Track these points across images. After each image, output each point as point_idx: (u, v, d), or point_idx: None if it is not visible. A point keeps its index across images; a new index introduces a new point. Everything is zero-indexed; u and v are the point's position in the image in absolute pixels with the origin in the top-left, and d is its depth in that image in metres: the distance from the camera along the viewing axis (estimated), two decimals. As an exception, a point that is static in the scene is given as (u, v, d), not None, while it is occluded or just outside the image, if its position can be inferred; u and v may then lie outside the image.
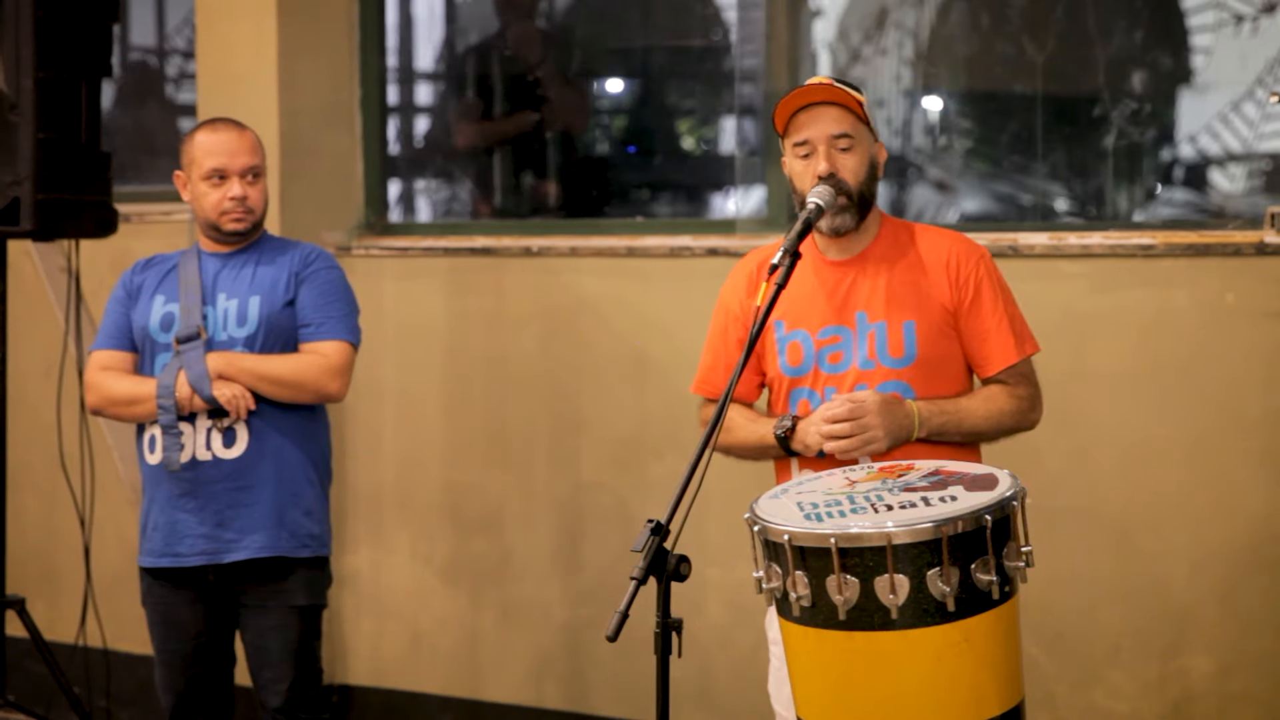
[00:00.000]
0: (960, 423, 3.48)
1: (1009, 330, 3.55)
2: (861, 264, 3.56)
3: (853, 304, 3.54)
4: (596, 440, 5.63)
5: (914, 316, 3.50)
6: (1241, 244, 4.69)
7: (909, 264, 3.55)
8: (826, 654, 2.84)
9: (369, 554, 6.03)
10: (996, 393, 3.54)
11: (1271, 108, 4.94)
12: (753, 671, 5.31)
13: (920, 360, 3.49)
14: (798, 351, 3.55)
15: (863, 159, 3.51)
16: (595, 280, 5.64)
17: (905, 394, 3.46)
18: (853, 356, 3.50)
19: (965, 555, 2.79)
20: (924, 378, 3.49)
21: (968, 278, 3.54)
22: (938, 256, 3.56)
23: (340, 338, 4.47)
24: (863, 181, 3.51)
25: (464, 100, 6.43)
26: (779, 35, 5.56)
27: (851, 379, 3.49)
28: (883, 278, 3.53)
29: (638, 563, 2.92)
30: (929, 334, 3.50)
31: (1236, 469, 4.67)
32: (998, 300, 3.56)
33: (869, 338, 3.50)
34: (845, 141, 3.48)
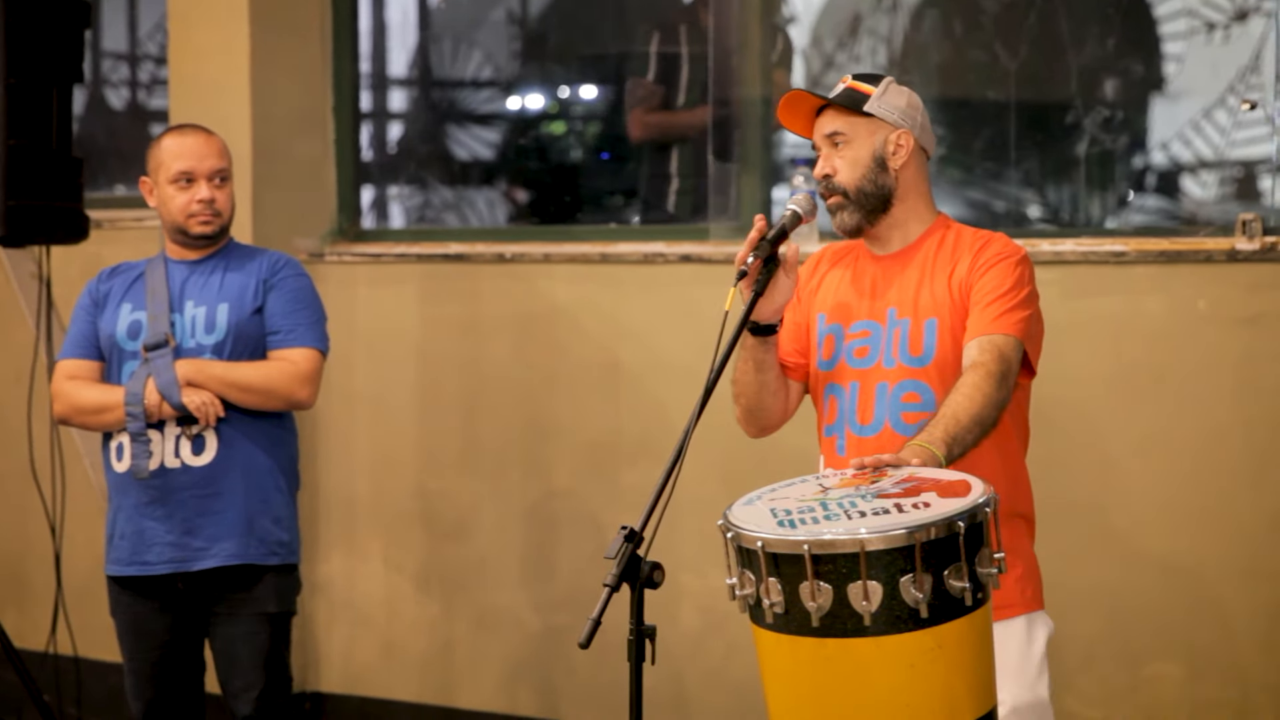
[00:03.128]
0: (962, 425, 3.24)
1: (1001, 307, 3.37)
2: (901, 260, 3.50)
3: (885, 300, 3.48)
4: (569, 447, 5.62)
5: (936, 314, 3.42)
6: (1213, 251, 4.70)
7: (944, 262, 3.47)
8: (800, 661, 2.83)
9: (342, 561, 6.02)
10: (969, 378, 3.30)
11: (1243, 115, 4.96)
12: (726, 678, 5.32)
13: (939, 360, 3.40)
14: (830, 345, 3.51)
15: (859, 155, 3.45)
16: (568, 287, 5.64)
17: (923, 393, 3.40)
18: (879, 353, 3.45)
19: (938, 562, 2.78)
20: (943, 378, 3.39)
21: (986, 261, 3.43)
22: (968, 251, 3.46)
23: (309, 345, 4.46)
24: (860, 176, 3.45)
25: (641, 85, 6.14)
26: (752, 41, 5.56)
27: (875, 376, 3.44)
28: (916, 274, 3.47)
29: (611, 569, 2.92)
30: (951, 334, 3.41)
31: (1209, 475, 4.68)
32: (1007, 283, 3.39)
33: (894, 335, 3.44)
34: (839, 138, 3.46)
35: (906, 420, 3.39)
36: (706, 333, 3.10)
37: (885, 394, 3.42)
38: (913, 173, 3.49)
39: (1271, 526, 4.65)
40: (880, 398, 3.43)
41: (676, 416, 3.88)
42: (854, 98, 3.47)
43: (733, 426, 4.71)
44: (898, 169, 3.46)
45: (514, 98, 6.72)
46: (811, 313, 3.56)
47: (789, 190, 5.35)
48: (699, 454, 3.40)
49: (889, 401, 3.42)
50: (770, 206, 5.51)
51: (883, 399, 3.43)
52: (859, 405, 3.45)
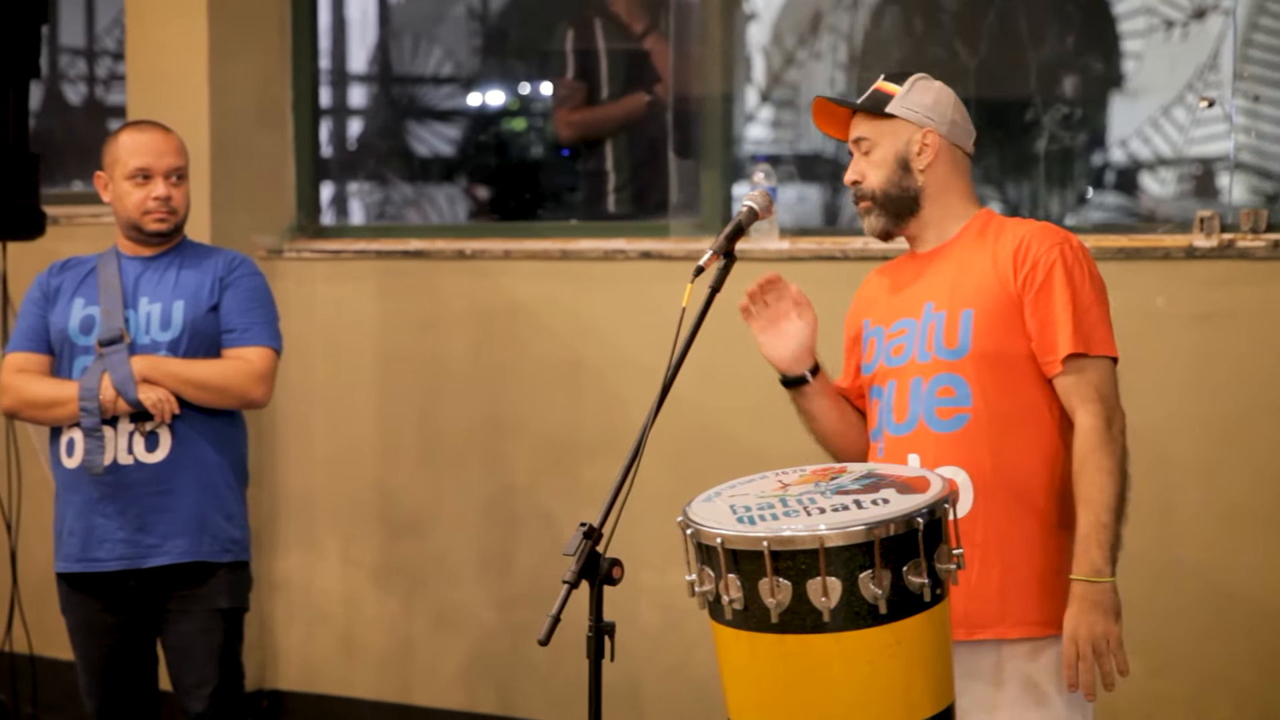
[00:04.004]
0: (1107, 525, 3.22)
1: (1071, 321, 3.25)
2: (938, 256, 3.41)
3: (923, 295, 3.38)
4: (529, 443, 5.62)
5: (973, 305, 3.30)
6: (1171, 248, 4.72)
7: (983, 254, 3.35)
8: (759, 657, 2.83)
9: (300, 558, 6.00)
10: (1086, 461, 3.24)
11: (1201, 113, 4.98)
12: (685, 675, 5.31)
13: (975, 352, 3.28)
14: (873, 348, 3.43)
15: (884, 158, 3.38)
16: (528, 283, 5.63)
17: (958, 388, 3.29)
18: (913, 349, 3.35)
19: (897, 558, 2.78)
20: (980, 372, 3.28)
21: (1036, 262, 3.28)
22: (1011, 243, 3.33)
23: (265, 344, 4.45)
24: (885, 179, 3.38)
25: (562, 85, 6.13)
26: (712, 38, 5.56)
27: (910, 372, 3.34)
28: (954, 266, 3.36)
29: (570, 566, 2.91)
30: (988, 324, 3.28)
31: (1164, 470, 4.69)
32: (1069, 288, 3.27)
33: (929, 328, 3.34)
34: (865, 144, 3.41)
35: (940, 416, 3.29)
36: (666, 330, 3.09)
37: (920, 390, 3.32)
38: (945, 170, 3.38)
39: (1225, 521, 4.68)
40: (915, 394, 3.32)
41: (636, 413, 3.89)
42: (877, 100, 3.41)
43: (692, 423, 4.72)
44: (923, 169, 3.37)
45: (474, 94, 6.71)
46: (862, 324, 3.49)
47: (750, 187, 5.35)
48: (658, 450, 3.40)
49: (923, 397, 3.31)
50: (731, 203, 5.51)
51: (917, 395, 3.32)
52: (894, 404, 3.35)
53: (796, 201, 5.87)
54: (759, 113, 6.13)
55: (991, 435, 3.28)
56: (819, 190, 5.98)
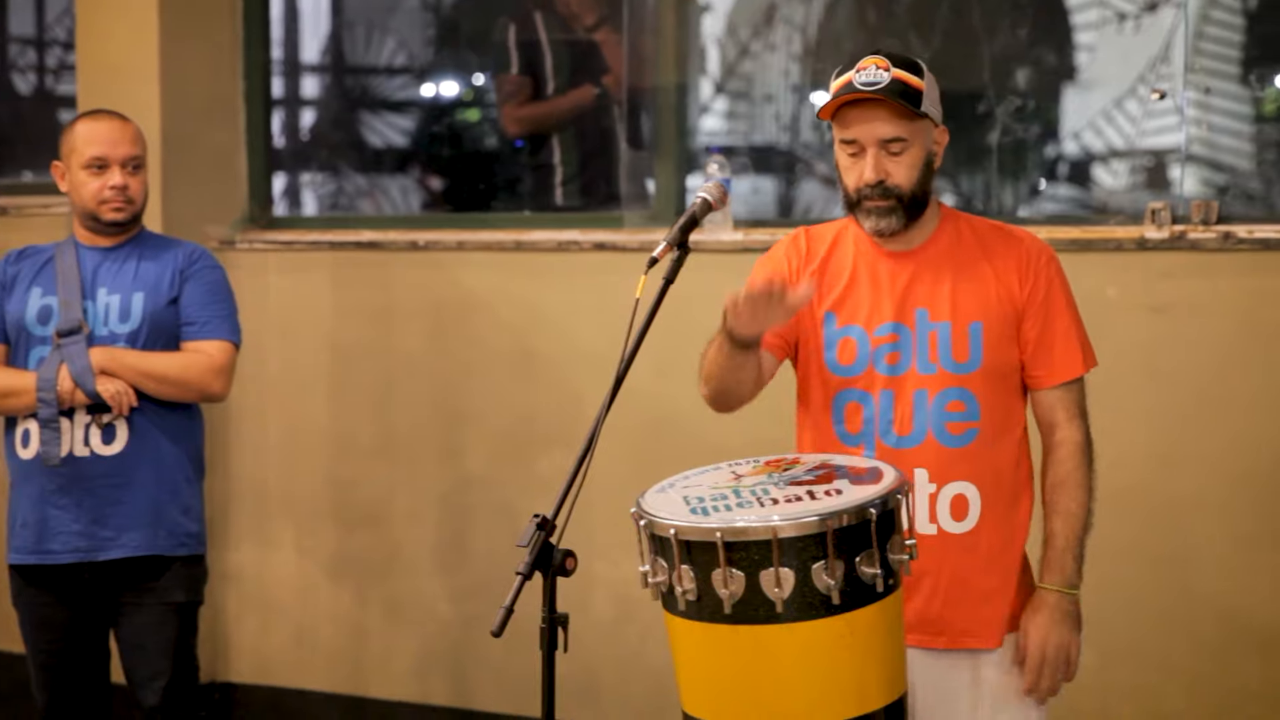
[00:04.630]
0: (1082, 540, 3.32)
1: (1076, 340, 3.32)
2: (920, 257, 3.31)
3: (912, 300, 3.28)
4: (483, 435, 5.61)
5: (981, 318, 3.27)
6: (1123, 239, 4.74)
7: (974, 259, 3.31)
8: (712, 648, 2.83)
9: (252, 550, 5.97)
10: (1070, 475, 3.34)
11: (1153, 105, 5.00)
12: (639, 665, 5.32)
13: (985, 367, 3.26)
14: (851, 349, 3.30)
15: (916, 159, 3.23)
16: (482, 274, 5.62)
17: (968, 402, 3.26)
18: (912, 358, 3.27)
19: (850, 548, 2.79)
20: (987, 386, 3.27)
21: (1039, 275, 3.30)
22: (1006, 251, 3.31)
23: (224, 337, 4.43)
24: (915, 182, 3.23)
25: (507, 80, 6.09)
26: (666, 30, 5.55)
27: (911, 383, 3.26)
28: (947, 273, 3.29)
29: (523, 558, 2.91)
30: (996, 338, 3.27)
31: (1115, 462, 4.70)
32: (1066, 305, 3.33)
33: (930, 338, 3.27)
34: (897, 145, 3.21)
35: (951, 430, 3.26)
36: (620, 320, 3.09)
37: (925, 403, 3.26)
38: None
39: (1178, 513, 4.70)
40: (920, 407, 3.26)
41: (590, 404, 3.88)
42: (910, 95, 3.21)
43: (645, 414, 4.71)
44: (936, 169, 3.32)
45: (427, 85, 6.70)
46: (815, 309, 3.34)
47: (703, 178, 5.35)
48: (612, 441, 3.39)
49: (931, 411, 3.26)
50: (685, 195, 5.50)
51: (923, 408, 3.26)
52: (895, 415, 3.27)
53: (751, 193, 5.87)
54: (713, 104, 6.13)
55: (995, 448, 3.31)
56: (773, 182, 5.99)
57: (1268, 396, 4.59)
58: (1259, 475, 4.61)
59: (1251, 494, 4.62)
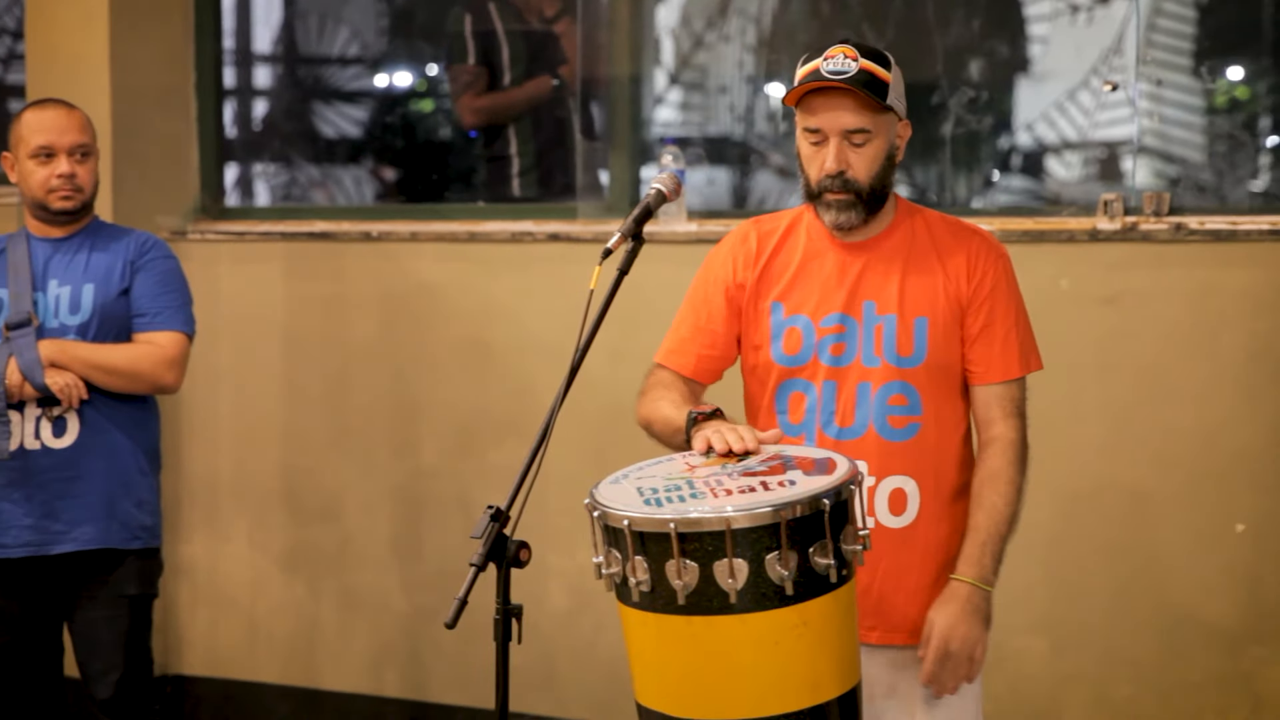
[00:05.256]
0: (1003, 537, 3.28)
1: (1017, 340, 3.31)
2: (874, 249, 3.30)
3: (861, 292, 3.27)
4: (437, 426, 5.59)
5: (927, 313, 3.27)
6: (1075, 230, 4.76)
7: (925, 254, 3.30)
8: (666, 639, 2.83)
9: (205, 543, 5.95)
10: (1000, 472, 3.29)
11: (1106, 97, 5.02)
12: (594, 656, 5.32)
13: (929, 362, 3.26)
14: (796, 339, 3.29)
15: (879, 152, 3.22)
16: (436, 265, 5.60)
17: (910, 396, 3.26)
18: (857, 350, 3.26)
19: (803, 539, 2.79)
20: (930, 381, 3.26)
21: (985, 273, 3.29)
22: (957, 247, 3.31)
23: (176, 328, 4.40)
24: (875, 176, 3.22)
25: (464, 71, 6.06)
26: (621, 20, 5.55)
27: (855, 375, 3.25)
28: (896, 267, 3.28)
29: (477, 549, 2.90)
30: (941, 334, 3.27)
31: (1068, 452, 4.73)
32: (1012, 305, 3.32)
33: (876, 331, 3.26)
34: (860, 137, 3.20)
35: (893, 424, 3.26)
36: (574, 311, 3.08)
37: (868, 395, 3.26)
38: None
39: (1129, 502, 4.72)
40: (863, 399, 3.26)
41: (544, 395, 3.86)
42: (876, 86, 3.20)
43: (600, 405, 4.71)
44: (898, 163, 3.31)
45: (381, 75, 6.67)
46: (762, 301, 3.34)
47: (658, 169, 5.35)
48: (566, 433, 3.39)
49: (873, 404, 3.25)
50: (639, 186, 5.50)
51: (865, 400, 3.25)
52: (838, 406, 3.26)
53: (705, 184, 5.87)
54: (667, 95, 6.13)
55: (936, 444, 3.30)
56: (727, 173, 5.99)
57: (1218, 387, 4.62)
58: (1209, 465, 4.64)
59: (1201, 485, 4.65)
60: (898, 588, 3.29)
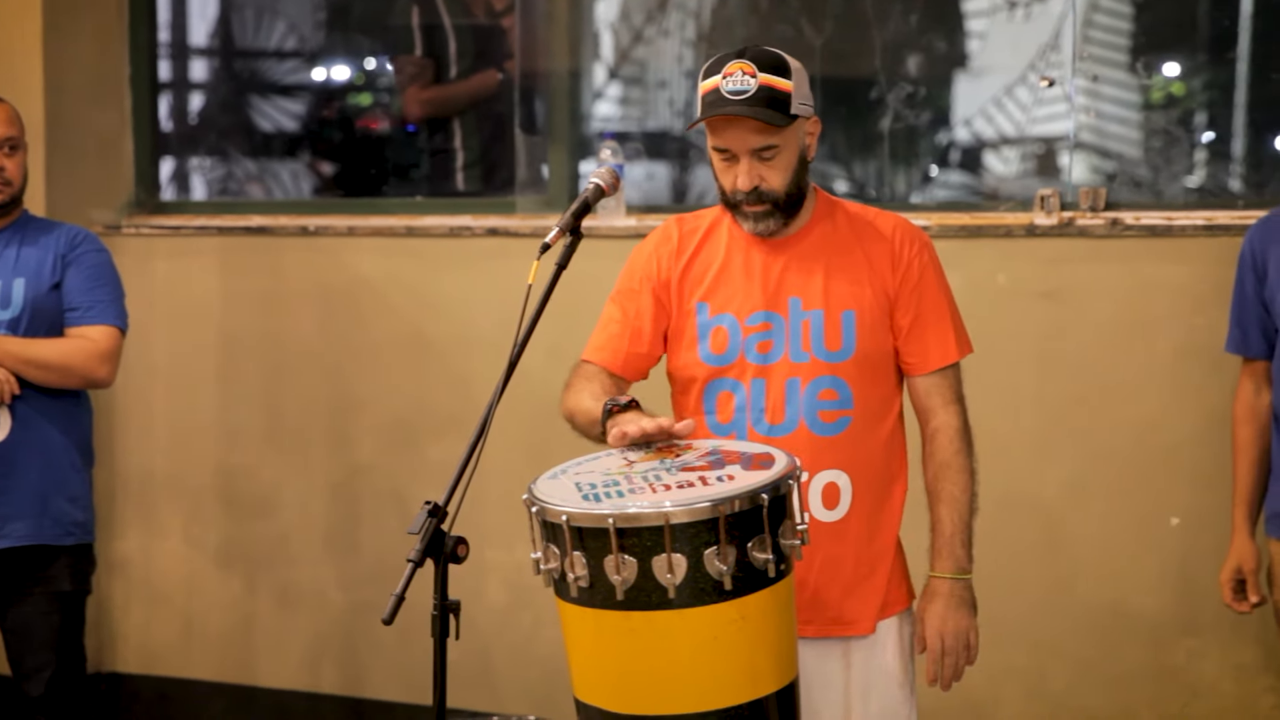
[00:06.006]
0: (969, 524, 3.35)
1: (950, 325, 3.33)
2: (796, 245, 3.31)
3: (786, 289, 3.29)
4: (374, 422, 5.57)
5: (854, 306, 3.27)
6: (1013, 226, 4.78)
7: (848, 247, 3.31)
8: (604, 634, 2.83)
9: (139, 539, 5.91)
10: (951, 461, 3.35)
11: (1043, 92, 5.04)
12: (532, 652, 5.30)
13: (858, 355, 3.26)
14: (722, 338, 3.30)
15: (789, 162, 3.23)
16: (374, 260, 5.58)
17: (840, 390, 3.26)
18: (784, 347, 3.27)
19: (742, 534, 2.79)
20: (860, 374, 3.27)
21: (911, 261, 3.31)
22: (879, 238, 3.32)
23: (109, 322, 4.36)
24: (789, 181, 3.23)
25: (410, 62, 6.03)
26: (560, 15, 5.53)
27: (783, 371, 3.26)
28: (820, 262, 3.29)
29: (415, 545, 2.89)
30: (869, 326, 3.28)
31: (1005, 446, 4.75)
32: (940, 291, 3.34)
33: (803, 327, 3.27)
34: (769, 152, 3.21)
35: (823, 419, 3.27)
36: (513, 306, 3.07)
37: (798, 391, 3.27)
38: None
39: (1064, 497, 4.75)
40: (792, 395, 3.27)
41: (482, 390, 3.85)
42: (778, 101, 3.20)
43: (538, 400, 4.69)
44: (810, 160, 3.31)
45: (318, 69, 6.64)
46: (686, 300, 3.35)
47: (597, 164, 5.34)
48: (504, 428, 3.38)
49: (803, 399, 3.26)
50: (578, 180, 5.50)
51: (795, 397, 3.26)
52: (768, 404, 3.27)
53: (644, 178, 5.87)
54: (607, 90, 6.12)
55: (867, 436, 3.32)
56: (667, 167, 5.98)
57: (1153, 381, 4.65)
58: (1144, 459, 4.67)
59: (1136, 478, 4.68)
60: (832, 580, 3.30)
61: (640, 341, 3.36)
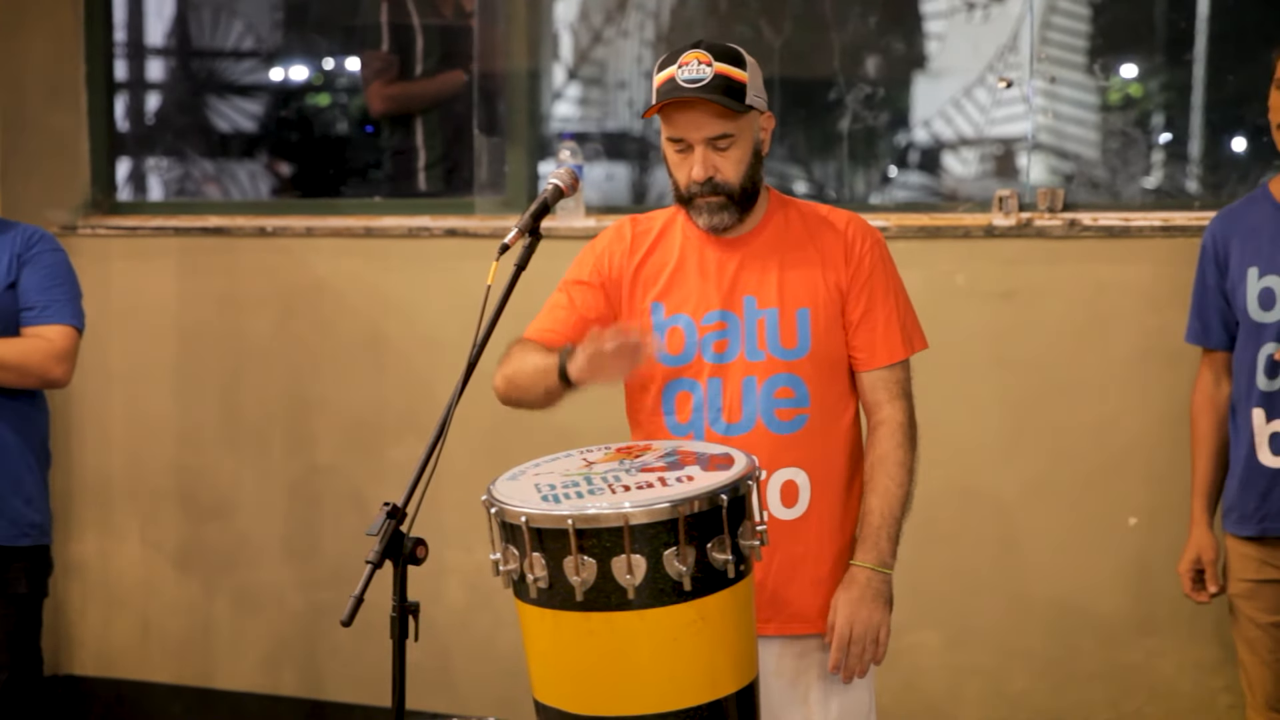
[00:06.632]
0: (898, 519, 3.33)
1: (898, 323, 3.35)
2: (749, 244, 3.32)
3: (741, 288, 3.30)
4: (333, 423, 5.55)
5: (809, 304, 3.29)
6: (971, 226, 4.79)
7: (801, 245, 3.32)
8: (564, 635, 2.82)
9: (96, 541, 5.88)
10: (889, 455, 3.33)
11: (1001, 93, 5.05)
12: (492, 653, 5.30)
13: (814, 352, 3.28)
14: (679, 339, 3.30)
15: (744, 153, 3.24)
16: (332, 261, 5.56)
17: (796, 389, 3.28)
18: (740, 346, 3.28)
19: (701, 535, 2.79)
20: (816, 372, 3.28)
21: (863, 258, 3.32)
22: (832, 235, 3.33)
23: (65, 322, 4.33)
24: (744, 175, 3.25)
25: (376, 57, 5.98)
26: (519, 15, 5.53)
27: (739, 370, 3.27)
28: (774, 260, 3.31)
29: (374, 546, 2.88)
30: (824, 324, 3.29)
31: (965, 446, 4.76)
32: (890, 287, 3.35)
33: (758, 325, 3.28)
34: (725, 141, 3.22)
35: (780, 417, 3.28)
36: (471, 307, 3.07)
37: (754, 390, 3.28)
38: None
39: (1024, 497, 4.76)
40: (749, 394, 3.28)
41: (441, 391, 3.85)
42: (734, 90, 3.21)
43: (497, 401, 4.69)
44: (765, 155, 3.32)
45: (276, 69, 6.61)
46: (639, 301, 3.36)
47: (556, 164, 5.33)
48: (463, 429, 3.37)
49: (760, 398, 3.27)
50: (537, 181, 5.49)
51: (752, 395, 3.28)
52: (724, 403, 3.28)
53: (604, 179, 5.86)
54: (566, 90, 6.11)
55: (824, 434, 3.33)
56: (626, 168, 5.98)
57: (1111, 381, 4.66)
58: (1102, 459, 4.68)
59: (1094, 478, 4.69)
60: (792, 579, 3.31)
61: (585, 332, 3.32)
